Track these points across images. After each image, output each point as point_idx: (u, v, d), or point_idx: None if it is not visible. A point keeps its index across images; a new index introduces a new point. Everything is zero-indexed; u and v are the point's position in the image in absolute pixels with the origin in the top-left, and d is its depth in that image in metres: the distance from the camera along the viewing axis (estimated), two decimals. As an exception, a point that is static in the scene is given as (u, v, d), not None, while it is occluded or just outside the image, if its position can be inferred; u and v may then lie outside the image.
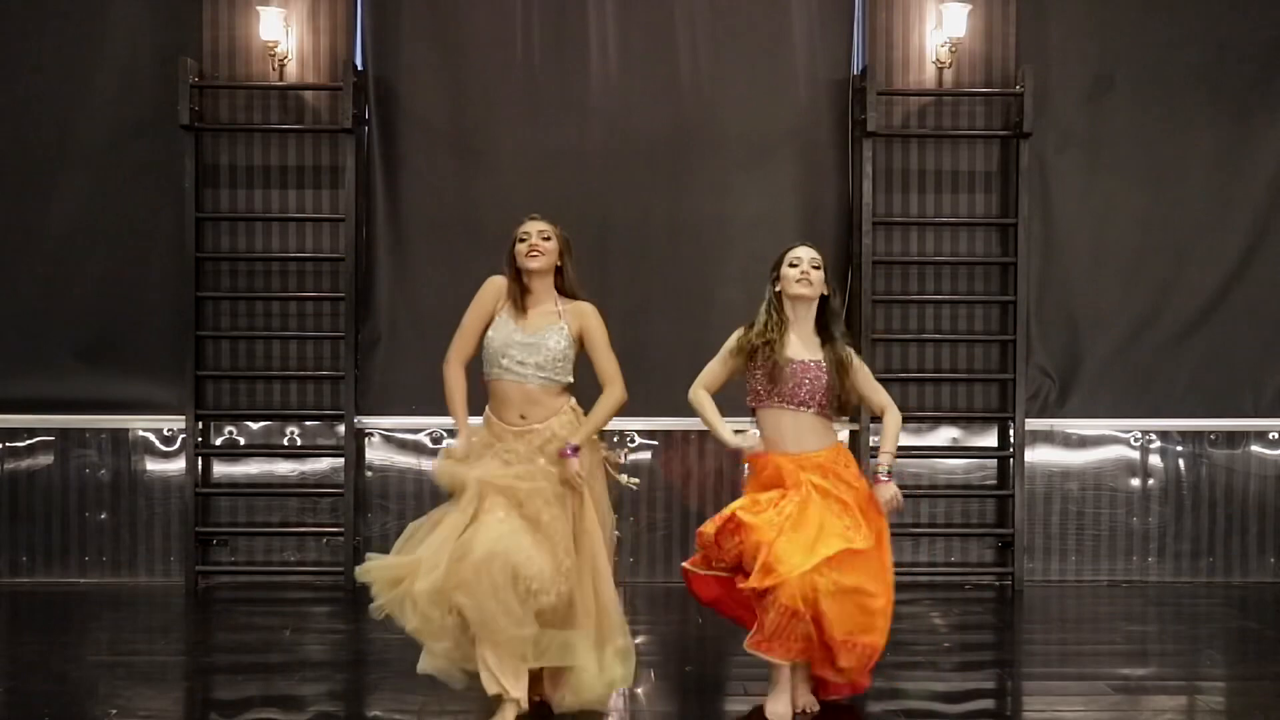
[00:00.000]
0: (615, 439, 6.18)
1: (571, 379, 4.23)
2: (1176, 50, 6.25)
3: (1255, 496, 6.36)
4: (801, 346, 4.22)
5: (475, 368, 4.26)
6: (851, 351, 4.28)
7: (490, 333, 4.19)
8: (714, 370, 4.32)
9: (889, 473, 4.19)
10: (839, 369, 4.20)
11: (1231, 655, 5.14)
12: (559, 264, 4.23)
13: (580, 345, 4.23)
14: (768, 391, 4.20)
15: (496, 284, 4.25)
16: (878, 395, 4.32)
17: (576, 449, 4.08)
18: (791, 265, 4.21)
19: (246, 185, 6.21)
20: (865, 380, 4.29)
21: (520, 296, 4.20)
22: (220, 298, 6.18)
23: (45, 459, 6.24)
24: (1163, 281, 6.30)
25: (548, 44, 6.21)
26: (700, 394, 4.31)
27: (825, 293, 4.26)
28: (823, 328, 4.28)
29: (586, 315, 4.23)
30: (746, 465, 4.35)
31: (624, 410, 4.30)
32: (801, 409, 4.18)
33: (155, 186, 6.15)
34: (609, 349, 4.24)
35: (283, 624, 5.49)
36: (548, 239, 4.19)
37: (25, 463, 6.25)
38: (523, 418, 4.13)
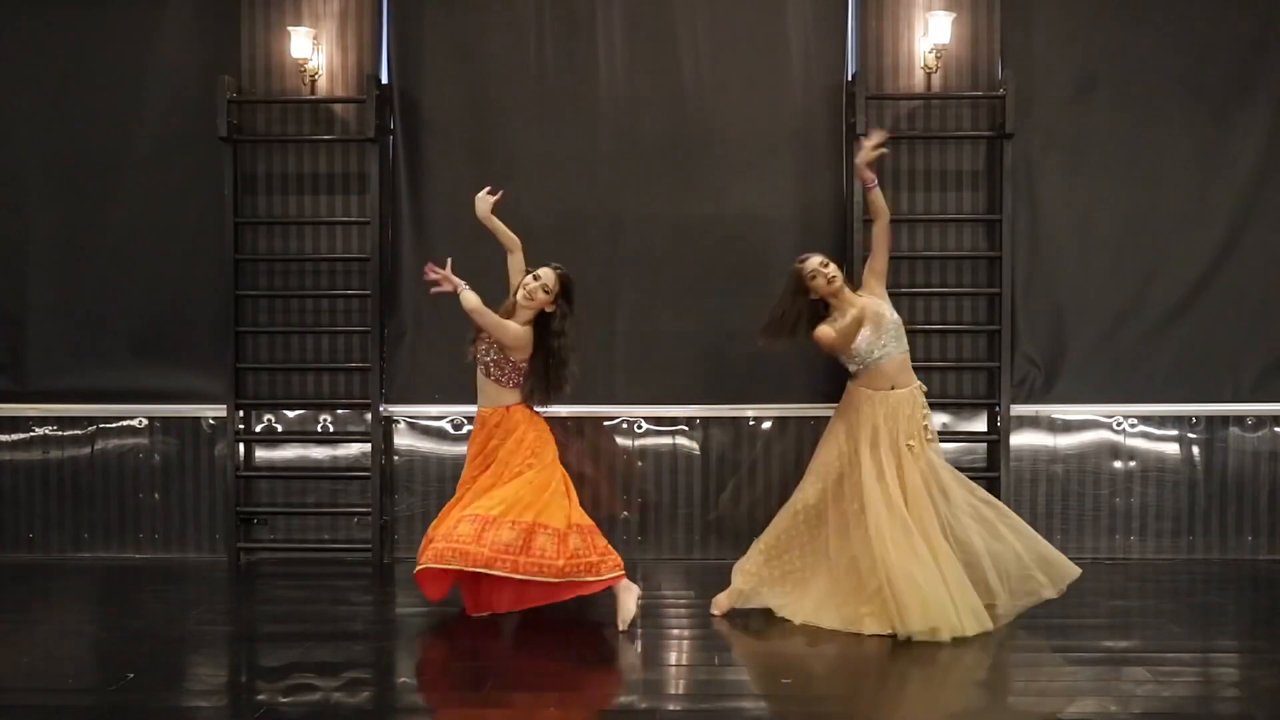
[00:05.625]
0: (625, 425, 6.38)
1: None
2: (1156, 53, 6.31)
3: (1233, 478, 6.42)
4: None
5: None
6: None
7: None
8: None
9: None
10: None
11: (1210, 629, 5.19)
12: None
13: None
14: None
15: None
16: None
17: None
18: None
19: (281, 192, 6.45)
20: None
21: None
22: (258, 296, 6.44)
23: (102, 444, 6.54)
24: (1144, 274, 6.37)
25: (559, 56, 6.37)
26: None
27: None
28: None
29: None
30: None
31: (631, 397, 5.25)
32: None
33: (198, 194, 6.41)
34: None
35: (316, 596, 5.68)
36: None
37: (85, 449, 6.54)
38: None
